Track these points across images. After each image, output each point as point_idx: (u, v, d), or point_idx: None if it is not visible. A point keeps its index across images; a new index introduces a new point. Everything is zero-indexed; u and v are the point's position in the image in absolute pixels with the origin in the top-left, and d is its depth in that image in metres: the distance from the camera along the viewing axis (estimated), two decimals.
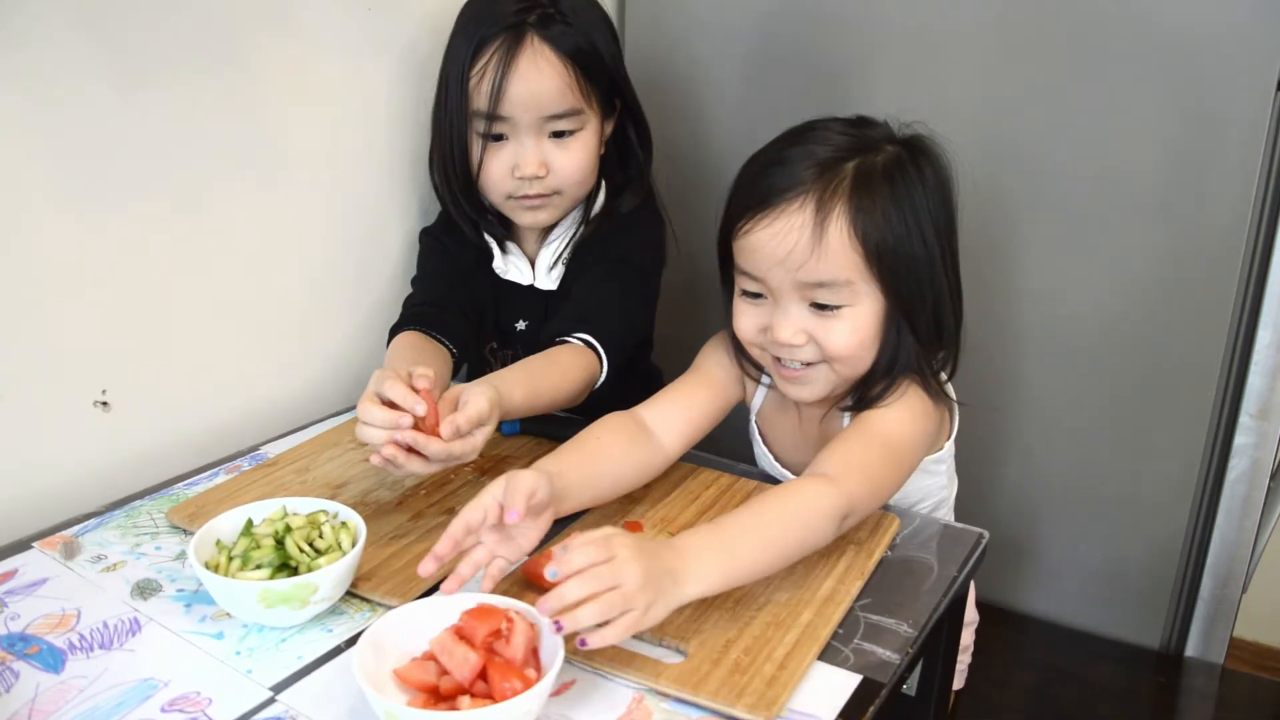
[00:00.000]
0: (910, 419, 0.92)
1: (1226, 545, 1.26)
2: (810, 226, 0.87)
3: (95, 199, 0.97)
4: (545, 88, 1.08)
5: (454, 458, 0.87)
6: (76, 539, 0.91)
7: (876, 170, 0.89)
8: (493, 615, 0.70)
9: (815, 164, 0.89)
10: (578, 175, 1.13)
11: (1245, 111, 1.11)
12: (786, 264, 0.88)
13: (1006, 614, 1.40)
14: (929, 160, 0.92)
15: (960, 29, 1.23)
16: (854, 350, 0.91)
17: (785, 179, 0.89)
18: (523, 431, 1.11)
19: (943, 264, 0.92)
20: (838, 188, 0.88)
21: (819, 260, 0.88)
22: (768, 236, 0.89)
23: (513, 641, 0.68)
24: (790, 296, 0.91)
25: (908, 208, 0.89)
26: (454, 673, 0.67)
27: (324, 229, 1.21)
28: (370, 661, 0.68)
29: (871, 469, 0.87)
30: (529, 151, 1.10)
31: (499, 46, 1.07)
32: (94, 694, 0.72)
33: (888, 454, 0.89)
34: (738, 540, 0.78)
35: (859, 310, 0.90)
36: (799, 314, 0.91)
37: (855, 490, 0.84)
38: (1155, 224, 1.19)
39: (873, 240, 0.88)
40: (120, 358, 1.02)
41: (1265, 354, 1.18)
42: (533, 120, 1.09)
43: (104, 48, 0.94)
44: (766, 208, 0.89)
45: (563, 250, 1.18)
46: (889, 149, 0.91)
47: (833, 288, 0.89)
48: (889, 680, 0.74)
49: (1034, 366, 1.31)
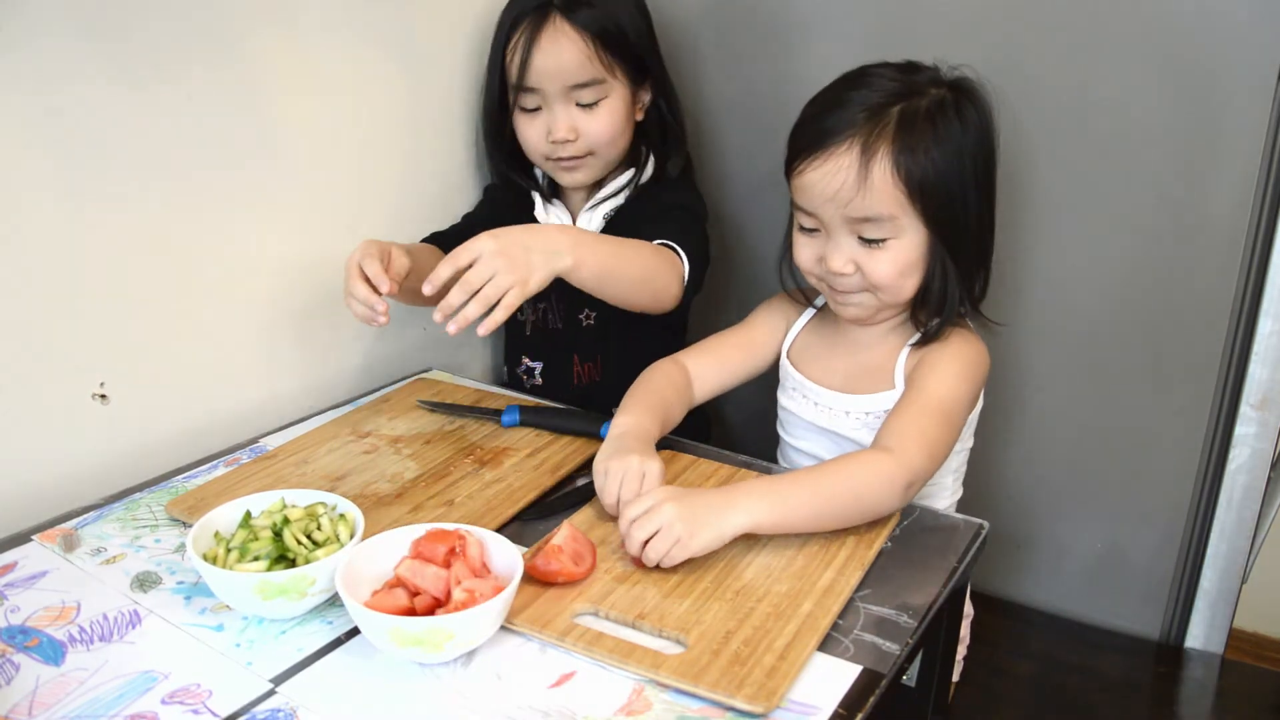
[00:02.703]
0: (957, 378, 0.99)
1: (1227, 536, 1.26)
2: (856, 167, 0.94)
3: (94, 192, 0.97)
4: (566, 60, 1.17)
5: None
6: (76, 531, 0.91)
7: (920, 113, 0.96)
8: (445, 536, 0.78)
9: (864, 108, 0.96)
10: (606, 137, 1.22)
11: (1246, 102, 1.11)
12: (836, 201, 0.96)
13: (1007, 605, 1.40)
14: (971, 101, 0.99)
15: (960, 26, 1.23)
16: (894, 279, 0.99)
17: (835, 122, 0.96)
18: (522, 423, 1.11)
19: (981, 196, 1.00)
20: (883, 131, 0.95)
21: (865, 198, 0.95)
22: (819, 176, 0.96)
23: (469, 554, 0.77)
24: (840, 230, 0.98)
25: (949, 147, 0.96)
26: (428, 589, 0.74)
27: (323, 222, 1.21)
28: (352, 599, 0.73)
29: (928, 434, 0.94)
30: (559, 118, 1.20)
31: (527, 25, 1.18)
32: (94, 686, 0.72)
33: (940, 417, 0.96)
34: (786, 486, 0.88)
35: (903, 243, 0.97)
36: (848, 245, 0.99)
37: (914, 460, 0.91)
38: (1156, 214, 1.19)
39: (915, 179, 0.95)
40: (119, 350, 1.02)
41: (1266, 344, 1.18)
42: (559, 89, 1.19)
43: (104, 42, 0.94)
44: (818, 149, 0.96)
45: (609, 214, 1.28)
46: (934, 92, 0.98)
47: (878, 223, 0.96)
48: (889, 671, 0.74)
49: (1034, 356, 1.31)
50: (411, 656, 0.73)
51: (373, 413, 1.16)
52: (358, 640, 0.77)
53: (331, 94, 1.18)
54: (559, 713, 0.70)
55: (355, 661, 0.75)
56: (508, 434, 1.10)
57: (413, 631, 0.70)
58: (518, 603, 0.78)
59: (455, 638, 0.71)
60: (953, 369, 1.00)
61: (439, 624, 0.71)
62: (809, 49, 1.34)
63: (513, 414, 1.11)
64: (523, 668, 0.74)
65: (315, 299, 1.22)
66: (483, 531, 0.80)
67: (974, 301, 1.04)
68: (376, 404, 1.18)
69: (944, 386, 0.98)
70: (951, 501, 1.14)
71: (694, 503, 0.84)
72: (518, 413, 1.12)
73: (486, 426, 1.12)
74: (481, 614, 0.72)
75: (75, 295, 0.97)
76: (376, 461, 1.04)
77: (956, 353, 1.02)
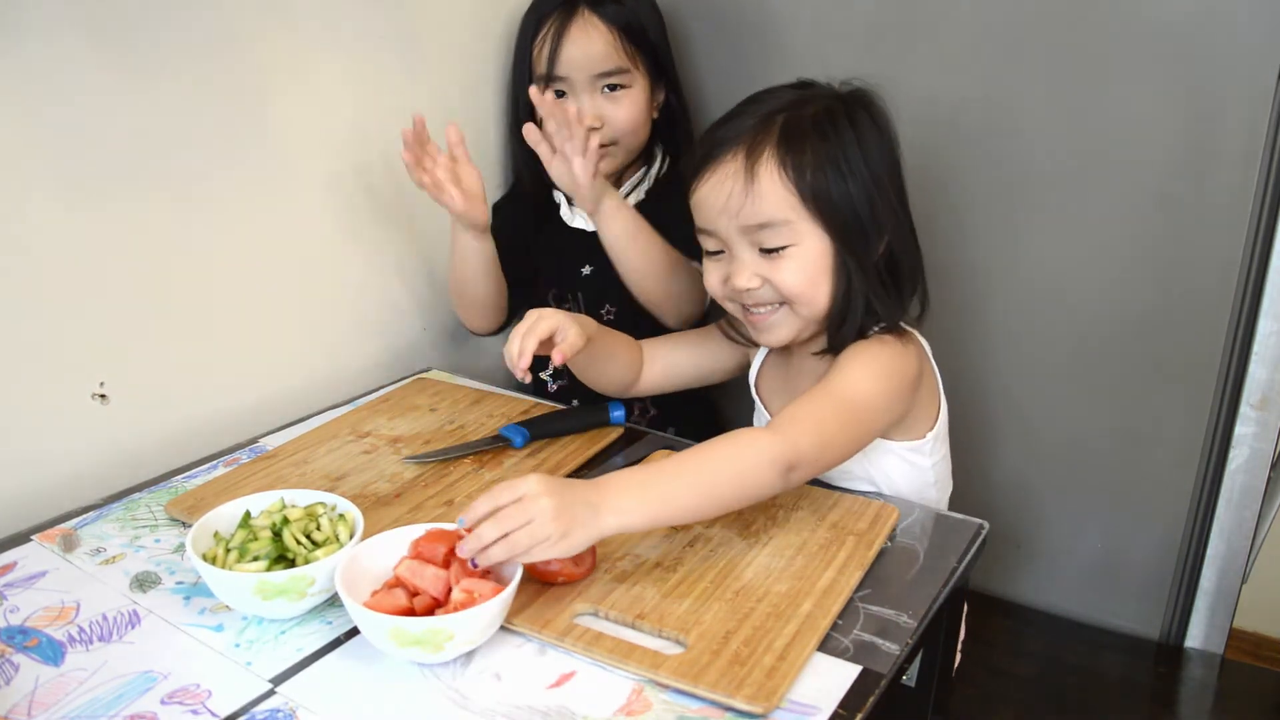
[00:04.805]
0: (870, 376, 0.94)
1: (1227, 535, 1.26)
2: (743, 173, 0.93)
3: (94, 191, 0.97)
4: (594, 49, 1.24)
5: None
6: (75, 532, 0.91)
7: (805, 119, 0.94)
8: (445, 536, 0.78)
9: (752, 119, 0.95)
10: (630, 125, 1.27)
11: (1246, 101, 1.11)
12: (727, 211, 0.95)
13: (1006, 604, 1.40)
14: (865, 110, 0.97)
15: (959, 28, 1.23)
16: (805, 288, 0.96)
17: (724, 134, 0.96)
18: (534, 438, 1.08)
19: (888, 206, 0.96)
20: (768, 135, 0.94)
21: (754, 203, 0.93)
22: (709, 189, 0.96)
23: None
24: (740, 244, 0.96)
25: (839, 152, 0.93)
26: (428, 590, 0.74)
27: (323, 221, 1.21)
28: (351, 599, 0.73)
29: (822, 422, 0.89)
30: (586, 105, 1.25)
31: (555, 19, 1.25)
32: (94, 686, 0.72)
33: (842, 409, 0.91)
34: (664, 480, 0.81)
35: (804, 249, 0.95)
36: (750, 259, 0.96)
37: (799, 441, 0.86)
38: (1156, 214, 1.19)
39: (806, 180, 0.93)
40: (118, 350, 1.02)
41: (1266, 344, 1.18)
42: (586, 78, 1.25)
43: (104, 42, 0.94)
44: (707, 163, 0.96)
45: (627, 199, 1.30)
46: (823, 102, 0.96)
47: (773, 228, 0.94)
48: (889, 671, 0.74)
49: (1034, 356, 1.31)
50: (411, 656, 0.73)
51: (372, 413, 1.16)
52: (357, 640, 0.77)
53: (332, 94, 1.18)
54: (558, 713, 0.70)
55: (355, 661, 0.75)
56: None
57: (412, 632, 0.70)
58: (517, 603, 0.78)
59: (455, 638, 0.71)
60: (861, 364, 0.95)
61: (439, 624, 0.70)
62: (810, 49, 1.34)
63: (520, 434, 1.07)
64: (522, 668, 0.74)
65: (315, 299, 1.22)
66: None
67: (895, 315, 0.98)
68: (376, 404, 1.18)
69: (850, 379, 0.93)
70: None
71: (569, 499, 0.76)
72: (526, 433, 1.07)
73: (486, 426, 1.12)
74: (481, 614, 0.72)
75: (75, 295, 0.97)
76: (376, 461, 1.04)
77: (870, 351, 0.96)
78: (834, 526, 0.90)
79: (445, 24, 1.29)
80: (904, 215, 0.99)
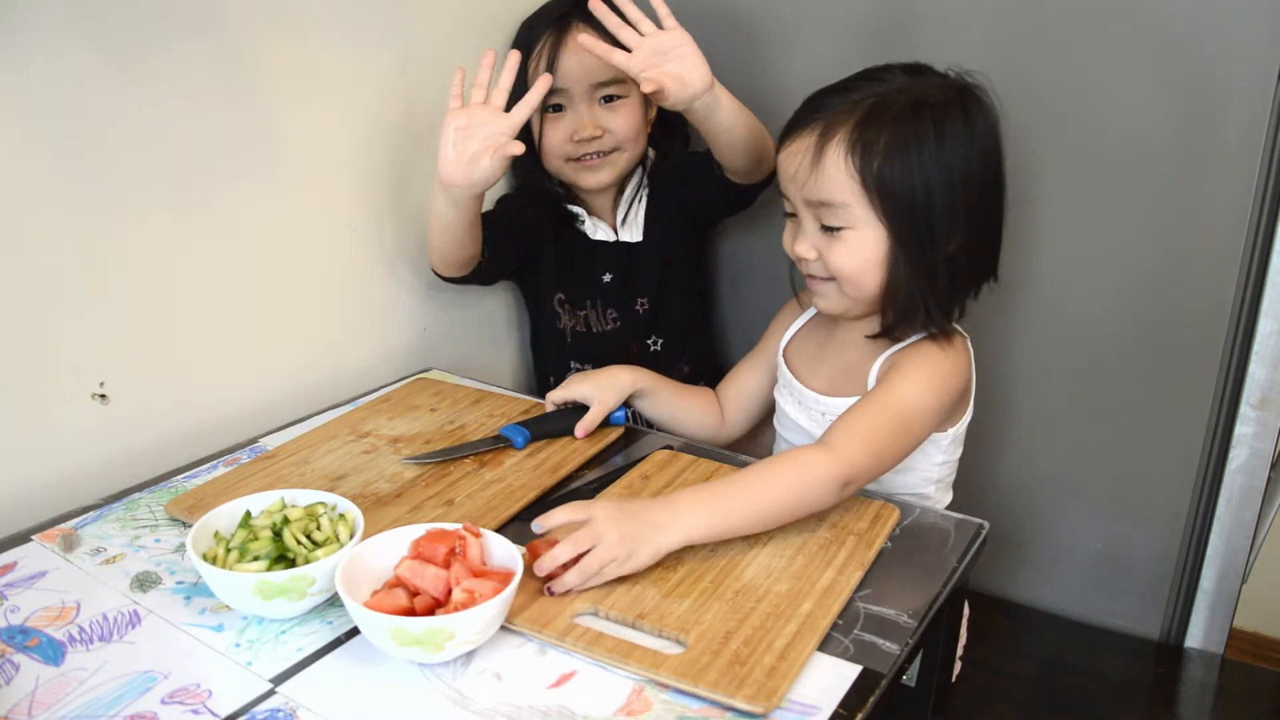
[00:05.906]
0: (925, 389, 0.96)
1: (1227, 535, 1.26)
2: (813, 149, 0.95)
3: (95, 193, 0.97)
4: (591, 60, 1.21)
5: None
6: (76, 531, 0.91)
7: (891, 109, 0.94)
8: (446, 536, 0.78)
9: (845, 98, 0.96)
10: (630, 133, 1.29)
11: (1246, 102, 1.11)
12: (795, 180, 0.97)
13: (1006, 604, 1.40)
14: (960, 106, 0.95)
15: (960, 26, 1.23)
16: (853, 271, 0.97)
17: (814, 108, 0.97)
18: (535, 438, 1.08)
19: (963, 206, 0.94)
20: (849, 118, 0.94)
21: (817, 180, 0.95)
22: (785, 156, 0.99)
23: (469, 555, 0.77)
24: (805, 214, 0.99)
25: (914, 148, 0.92)
26: (428, 590, 0.74)
27: (323, 221, 1.21)
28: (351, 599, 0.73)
29: (876, 436, 0.92)
30: (584, 116, 1.27)
31: (551, 33, 1.26)
32: (94, 686, 0.72)
33: (895, 421, 0.93)
34: (727, 495, 0.86)
35: (860, 235, 0.96)
36: (812, 230, 0.99)
37: (855, 459, 0.89)
38: (1156, 213, 1.19)
39: (871, 168, 0.93)
40: (119, 350, 1.02)
41: (1266, 343, 1.18)
42: (585, 89, 1.26)
43: (105, 43, 0.94)
44: (791, 131, 0.99)
45: (633, 203, 1.36)
46: (918, 93, 0.95)
47: (832, 208, 0.96)
48: (889, 671, 0.74)
49: (1034, 356, 1.31)
50: (411, 656, 0.73)
51: (372, 413, 1.16)
52: (357, 640, 0.77)
53: (332, 95, 1.18)
54: (559, 713, 0.70)
55: (355, 661, 0.75)
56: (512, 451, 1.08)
57: (413, 631, 0.70)
58: (517, 603, 0.78)
59: (455, 638, 0.71)
60: (919, 377, 0.96)
61: (439, 624, 0.71)
62: (810, 49, 1.34)
63: (521, 434, 1.07)
64: (522, 668, 0.74)
65: (315, 299, 1.22)
66: (483, 531, 0.80)
67: (945, 316, 0.99)
68: (376, 404, 1.18)
69: (907, 392, 0.95)
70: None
71: (632, 519, 0.82)
72: (527, 433, 1.07)
73: (486, 426, 1.12)
74: (481, 614, 0.72)
75: (75, 295, 0.97)
76: (376, 461, 1.04)
77: (928, 361, 0.98)
78: (834, 526, 0.90)
79: (446, 29, 1.29)
80: (986, 219, 0.98)
